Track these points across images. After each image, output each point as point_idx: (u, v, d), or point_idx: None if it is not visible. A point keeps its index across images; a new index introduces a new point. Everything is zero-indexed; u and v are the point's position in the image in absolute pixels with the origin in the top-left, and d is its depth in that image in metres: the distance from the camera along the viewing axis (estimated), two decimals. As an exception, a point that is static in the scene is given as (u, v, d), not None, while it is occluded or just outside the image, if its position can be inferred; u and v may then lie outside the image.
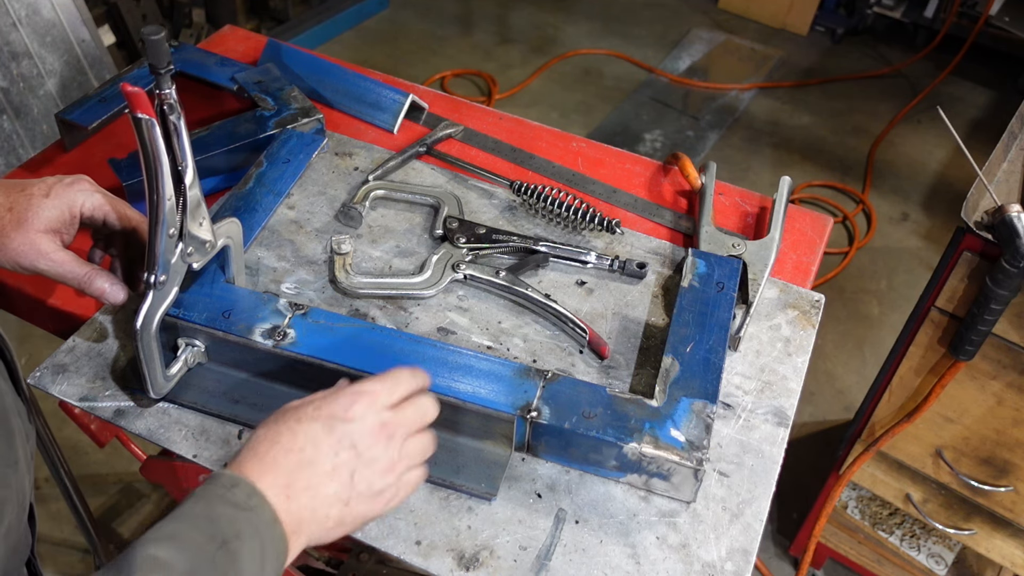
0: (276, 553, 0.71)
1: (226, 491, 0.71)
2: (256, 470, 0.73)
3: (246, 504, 0.70)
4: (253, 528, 0.70)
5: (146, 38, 0.78)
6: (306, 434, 0.75)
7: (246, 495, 0.71)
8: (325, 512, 0.75)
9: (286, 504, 0.72)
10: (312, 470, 0.74)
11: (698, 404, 0.94)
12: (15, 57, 2.34)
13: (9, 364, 0.81)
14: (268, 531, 0.71)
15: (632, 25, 4.32)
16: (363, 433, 0.77)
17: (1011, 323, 1.32)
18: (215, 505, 0.70)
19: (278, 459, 0.74)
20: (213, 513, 0.69)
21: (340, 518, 0.76)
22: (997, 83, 3.99)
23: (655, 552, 0.90)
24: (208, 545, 0.66)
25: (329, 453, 0.75)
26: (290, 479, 0.73)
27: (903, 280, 3.05)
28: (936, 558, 1.98)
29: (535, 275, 1.17)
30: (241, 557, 0.67)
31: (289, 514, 0.72)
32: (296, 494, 0.73)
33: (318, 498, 0.74)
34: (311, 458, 0.74)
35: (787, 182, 1.27)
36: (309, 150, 1.28)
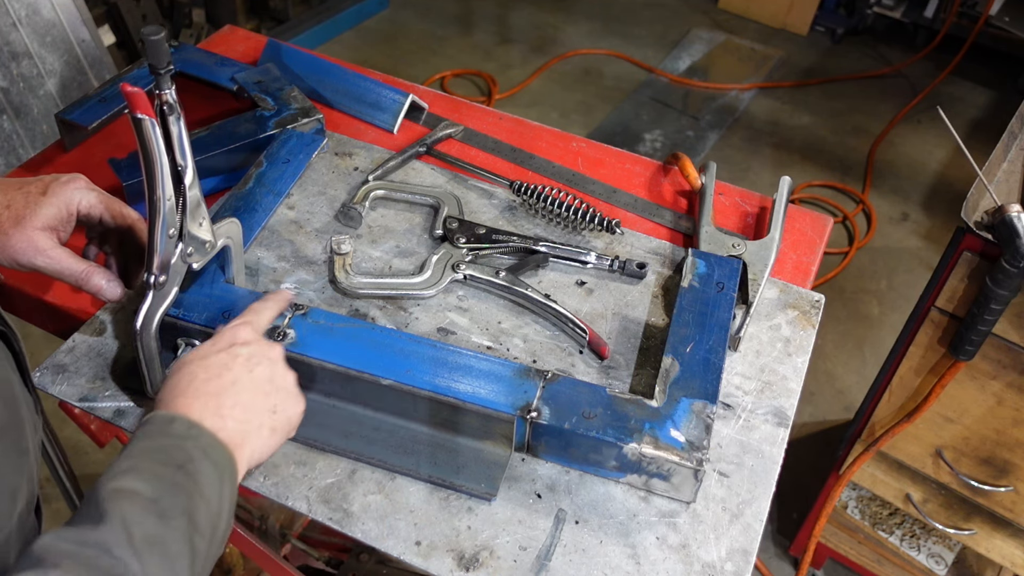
0: (229, 471, 0.76)
1: (166, 426, 0.75)
2: (184, 404, 0.78)
3: (188, 433, 0.75)
4: (201, 451, 0.73)
5: (146, 38, 0.78)
6: (216, 364, 0.82)
7: (185, 426, 0.75)
8: (259, 422, 0.81)
9: (222, 423, 0.77)
10: (234, 388, 0.80)
11: (698, 404, 0.94)
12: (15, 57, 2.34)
13: (17, 355, 0.82)
14: (215, 452, 0.75)
15: (632, 25, 4.32)
16: (263, 347, 0.86)
17: (1011, 323, 1.32)
18: (159, 439, 0.74)
19: (200, 389, 0.79)
20: (160, 445, 0.73)
21: (273, 425, 0.83)
22: (997, 83, 3.99)
23: (655, 552, 0.90)
24: (165, 471, 0.70)
25: (243, 371, 0.82)
26: (218, 401, 0.79)
27: (903, 280, 3.05)
28: (936, 558, 1.98)
29: (535, 275, 1.17)
30: (199, 477, 0.71)
31: (227, 432, 0.77)
32: (228, 411, 0.78)
33: (249, 410, 0.81)
34: (231, 379, 0.81)
35: (787, 182, 1.27)
36: (309, 150, 1.28)
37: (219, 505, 0.72)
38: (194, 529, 0.68)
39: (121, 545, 0.62)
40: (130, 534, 0.63)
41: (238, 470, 0.77)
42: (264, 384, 0.83)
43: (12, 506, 0.71)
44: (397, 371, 0.95)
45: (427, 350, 0.98)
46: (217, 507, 0.72)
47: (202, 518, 0.69)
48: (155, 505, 0.67)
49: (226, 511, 0.74)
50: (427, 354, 0.97)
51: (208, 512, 0.70)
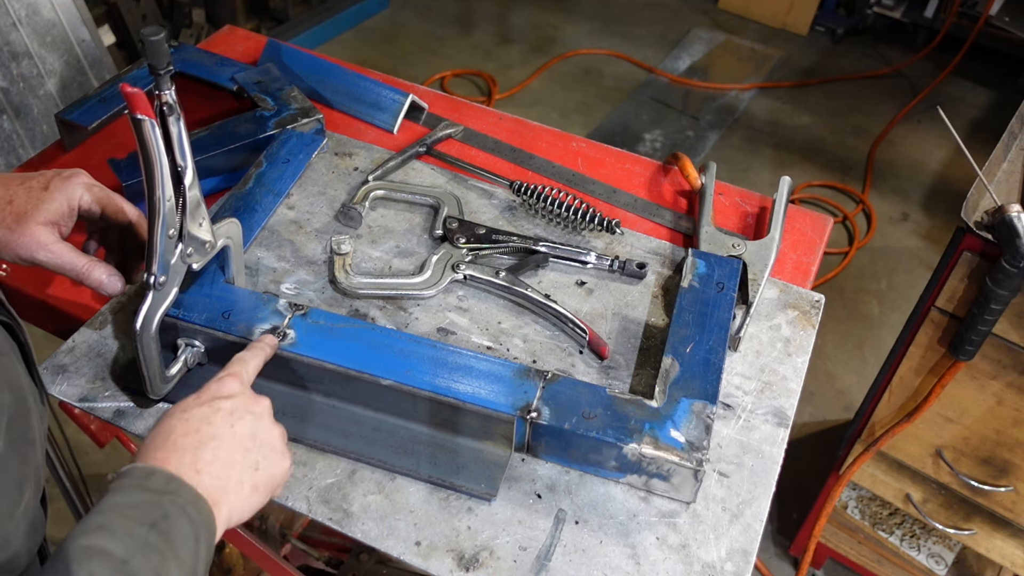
0: (206, 528, 0.73)
1: (143, 480, 0.72)
2: (161, 458, 0.75)
3: (166, 488, 0.72)
4: (179, 508, 0.71)
5: (146, 38, 0.78)
6: (196, 418, 0.79)
7: (164, 480, 0.73)
8: (238, 478, 0.78)
9: (197, 478, 0.75)
10: (214, 443, 0.78)
11: (698, 405, 0.94)
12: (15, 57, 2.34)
13: (23, 346, 0.82)
14: (193, 508, 0.72)
15: (632, 25, 4.32)
16: (247, 400, 0.83)
17: (1011, 323, 1.32)
18: (135, 494, 0.71)
19: (178, 443, 0.77)
20: (135, 501, 0.70)
21: (254, 483, 0.80)
22: (997, 83, 3.99)
23: (655, 552, 0.90)
24: (139, 529, 0.67)
25: (224, 425, 0.80)
26: (195, 456, 0.76)
27: (903, 280, 3.05)
28: (936, 558, 1.98)
29: (535, 275, 1.17)
30: (174, 536, 0.68)
31: (204, 487, 0.74)
32: (205, 467, 0.76)
33: (228, 466, 0.78)
34: (210, 434, 0.78)
35: (787, 182, 1.27)
36: (309, 150, 1.28)
37: (193, 565, 0.69)
38: None
39: None
40: None
41: (216, 528, 0.74)
42: (246, 440, 0.80)
43: (20, 496, 0.71)
44: (397, 371, 0.95)
45: (427, 350, 0.98)
46: (191, 567, 0.69)
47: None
48: (125, 567, 0.64)
49: (201, 570, 0.71)
50: (427, 354, 0.97)
51: (181, 573, 0.68)
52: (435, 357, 0.97)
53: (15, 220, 0.92)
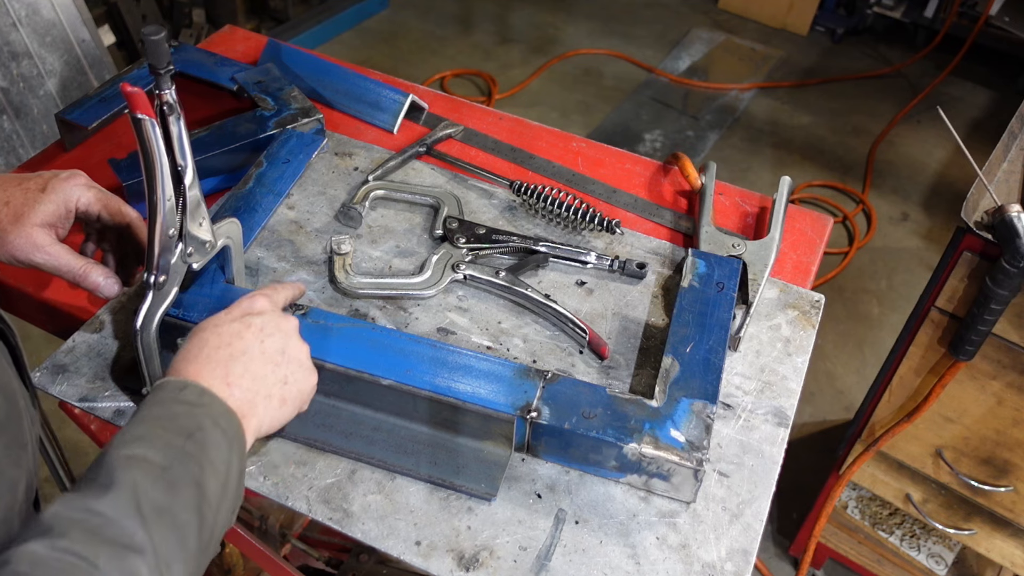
0: (237, 440, 0.76)
1: (177, 393, 0.75)
2: (194, 371, 0.78)
3: (199, 401, 0.75)
4: (212, 420, 0.74)
5: (146, 38, 0.78)
6: (229, 332, 0.82)
7: (197, 394, 0.75)
8: (267, 392, 0.81)
9: (228, 391, 0.78)
10: (245, 358, 0.81)
11: (698, 404, 0.94)
12: (15, 57, 2.34)
13: (14, 349, 0.82)
14: (225, 420, 0.75)
15: (632, 25, 4.32)
16: (276, 318, 0.86)
17: (1011, 323, 1.32)
18: (171, 406, 0.74)
19: (211, 356, 0.80)
20: (171, 412, 0.73)
21: (282, 396, 0.83)
22: (997, 83, 3.99)
23: (655, 552, 0.90)
24: (176, 439, 0.70)
25: (255, 341, 0.82)
26: (227, 369, 0.79)
27: (903, 280, 3.05)
28: (936, 558, 1.98)
29: (535, 275, 1.17)
30: (208, 446, 0.71)
31: (234, 400, 0.78)
32: (236, 380, 0.79)
33: (258, 380, 0.81)
34: (241, 348, 0.81)
35: (787, 182, 1.27)
36: (309, 150, 1.28)
37: (227, 474, 0.72)
38: (203, 498, 0.68)
39: (129, 514, 0.62)
40: (139, 503, 0.63)
41: (246, 439, 0.77)
42: (275, 355, 0.83)
43: (13, 499, 0.71)
44: (397, 371, 0.95)
45: (427, 350, 0.98)
46: (225, 476, 0.72)
47: (211, 487, 0.70)
48: (165, 473, 0.67)
49: (234, 480, 0.74)
50: (427, 354, 0.97)
51: (217, 481, 0.71)
52: (435, 357, 0.97)
53: (12, 221, 0.92)
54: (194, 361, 0.79)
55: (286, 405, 0.83)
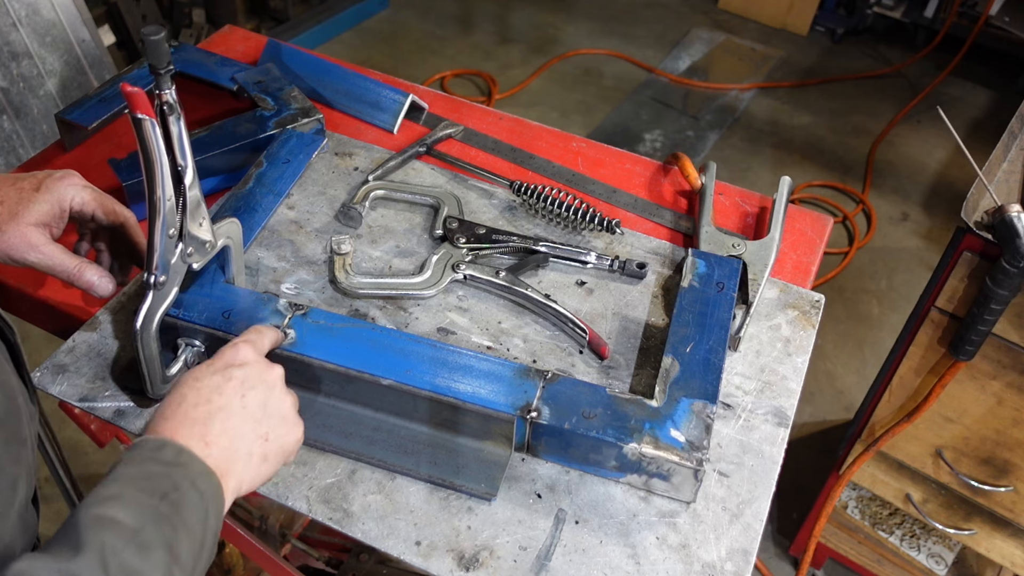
0: (215, 500, 0.73)
1: (154, 452, 0.73)
2: (171, 428, 0.76)
3: (176, 461, 0.73)
4: (189, 481, 0.71)
5: (146, 38, 0.78)
6: (208, 387, 0.80)
7: (174, 453, 0.73)
8: (247, 450, 0.78)
9: (206, 451, 0.75)
10: (223, 415, 0.78)
11: (698, 404, 0.94)
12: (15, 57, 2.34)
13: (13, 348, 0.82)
14: (204, 481, 0.73)
15: (632, 25, 4.32)
16: (259, 369, 0.83)
17: (1011, 323, 1.32)
18: (147, 466, 0.72)
19: (188, 414, 0.77)
20: (146, 472, 0.71)
21: (264, 453, 0.80)
22: (997, 83, 3.99)
23: (655, 552, 0.90)
24: (150, 500, 0.68)
25: (235, 396, 0.80)
26: (205, 428, 0.76)
27: (903, 280, 3.05)
28: (936, 558, 1.98)
29: (535, 275, 1.17)
30: (183, 507, 0.69)
31: (213, 459, 0.75)
32: (214, 439, 0.76)
33: (238, 438, 0.78)
34: (220, 405, 0.78)
35: (787, 182, 1.27)
36: (309, 150, 1.28)
37: (203, 536, 0.70)
38: (174, 561, 0.66)
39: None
40: (106, 565, 0.62)
41: (224, 500, 0.75)
42: (256, 410, 0.80)
43: (13, 496, 0.71)
44: (397, 371, 0.95)
45: (427, 350, 0.98)
46: (201, 537, 0.70)
47: (184, 550, 0.67)
48: (136, 536, 0.65)
49: (209, 542, 0.72)
50: (427, 354, 0.97)
51: (191, 544, 0.69)
52: (435, 357, 0.97)
53: (6, 221, 0.92)
54: (171, 419, 0.77)
55: (267, 463, 0.81)
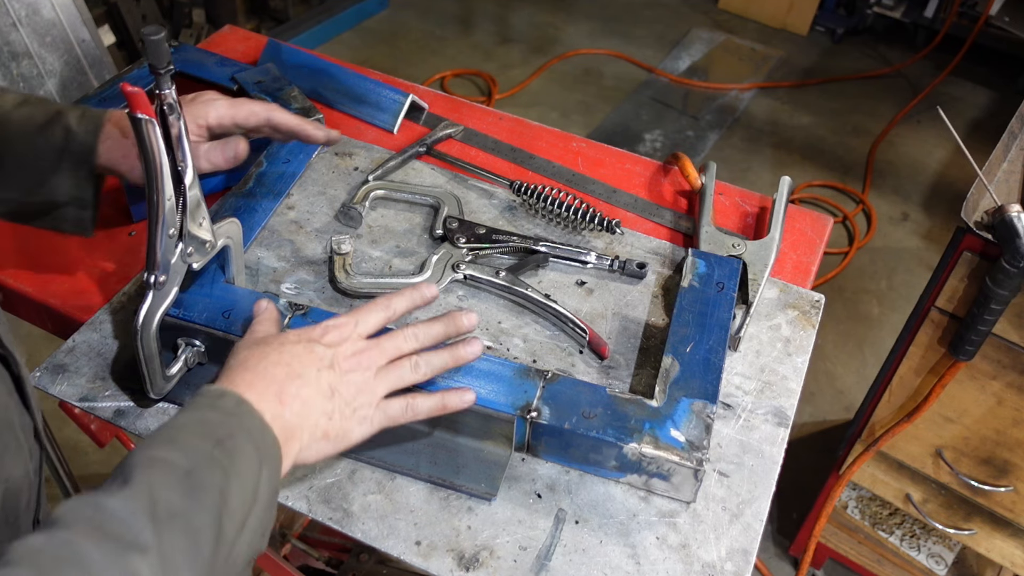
0: (271, 457, 0.74)
1: (214, 400, 0.74)
2: (246, 381, 0.77)
3: (235, 411, 0.73)
4: (245, 431, 0.72)
5: (146, 38, 0.78)
6: (291, 352, 0.81)
7: (234, 403, 0.74)
8: (314, 421, 0.79)
9: (279, 409, 0.76)
10: (300, 381, 0.79)
11: (698, 404, 0.94)
12: (15, 57, 2.34)
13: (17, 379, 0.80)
14: (260, 435, 0.73)
15: (632, 25, 4.32)
16: (340, 355, 0.83)
17: (1011, 323, 1.32)
18: (205, 412, 0.73)
19: (268, 370, 0.79)
20: (204, 418, 0.72)
21: (326, 431, 0.80)
22: (997, 83, 3.99)
23: (655, 552, 0.90)
24: (204, 444, 0.69)
25: (312, 368, 0.81)
26: (281, 387, 0.78)
27: (903, 280, 3.05)
28: (936, 558, 1.98)
29: (535, 275, 1.17)
30: (237, 456, 0.70)
31: (282, 419, 0.76)
32: (288, 401, 0.77)
33: (307, 407, 0.79)
34: (298, 371, 0.79)
35: (787, 182, 1.27)
36: (309, 150, 1.28)
37: (255, 490, 0.70)
38: (224, 507, 0.66)
39: (139, 514, 0.61)
40: (153, 503, 0.62)
41: (283, 460, 0.75)
42: (327, 388, 0.81)
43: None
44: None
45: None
46: (253, 490, 0.70)
47: (234, 498, 0.67)
48: (187, 477, 0.65)
49: (264, 498, 0.71)
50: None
51: (243, 494, 0.68)
52: (435, 357, 0.97)
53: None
54: (252, 371, 0.78)
55: (328, 440, 0.81)
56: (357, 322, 0.87)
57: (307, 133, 1.14)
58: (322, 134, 1.14)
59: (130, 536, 0.59)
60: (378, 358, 0.86)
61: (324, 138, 1.14)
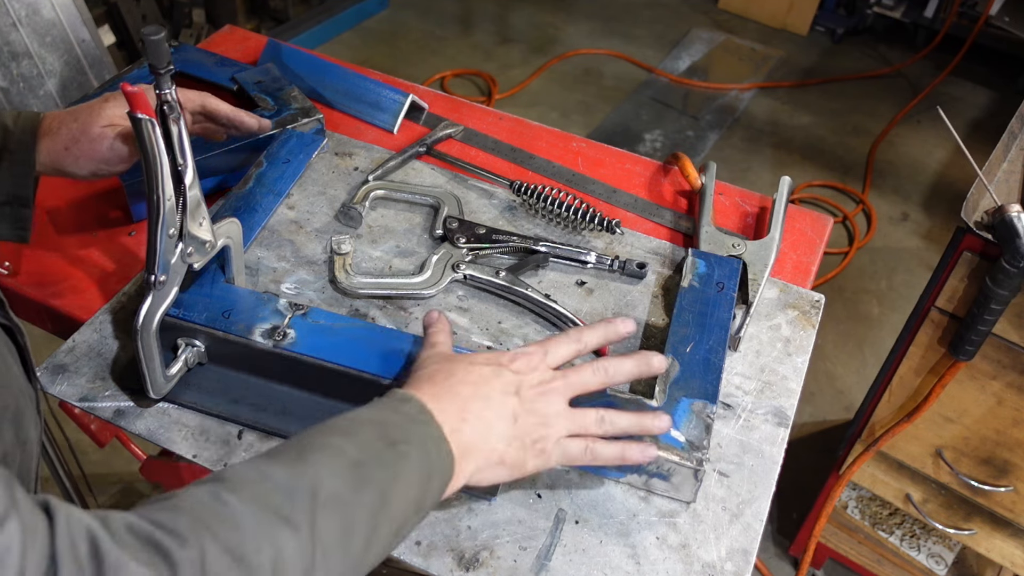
0: (442, 471, 0.74)
1: (399, 404, 0.75)
2: (431, 393, 0.77)
3: (417, 417, 0.74)
4: (421, 439, 0.72)
5: (146, 38, 0.78)
6: (479, 373, 0.81)
7: (417, 410, 0.75)
8: (492, 445, 0.78)
9: (460, 425, 0.76)
10: (484, 403, 0.78)
11: (698, 404, 0.94)
12: (15, 57, 2.34)
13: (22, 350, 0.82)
14: (435, 446, 0.73)
15: (632, 25, 4.32)
16: (526, 383, 0.82)
17: (1011, 323, 1.32)
18: (386, 413, 0.74)
19: (455, 387, 0.78)
20: (384, 418, 0.73)
21: (502, 456, 0.79)
22: (997, 83, 3.99)
23: (655, 552, 0.90)
24: (377, 442, 0.69)
25: (497, 392, 0.80)
26: (464, 406, 0.77)
27: (903, 280, 3.05)
28: (936, 558, 1.98)
29: (535, 275, 1.17)
30: (407, 461, 0.70)
31: (460, 436, 0.75)
32: (470, 419, 0.77)
33: (488, 428, 0.78)
34: (485, 393, 0.79)
35: (787, 182, 1.27)
36: (309, 150, 1.28)
37: (420, 498, 0.70)
38: (383, 507, 0.66)
39: (302, 492, 0.62)
40: (318, 486, 0.63)
41: (455, 476, 0.75)
42: (509, 415, 0.80)
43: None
44: (397, 371, 0.95)
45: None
46: (417, 499, 0.70)
47: (397, 501, 0.68)
48: (356, 469, 0.66)
49: (427, 507, 0.72)
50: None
51: (405, 499, 0.69)
52: (435, 357, 0.97)
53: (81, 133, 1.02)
54: (438, 384, 0.79)
55: (504, 466, 0.80)
56: (547, 352, 0.85)
57: (241, 120, 1.17)
58: (255, 123, 1.20)
59: (286, 511, 0.60)
60: (564, 391, 0.84)
61: (256, 127, 1.20)
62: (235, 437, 0.98)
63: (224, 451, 0.96)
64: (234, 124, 1.18)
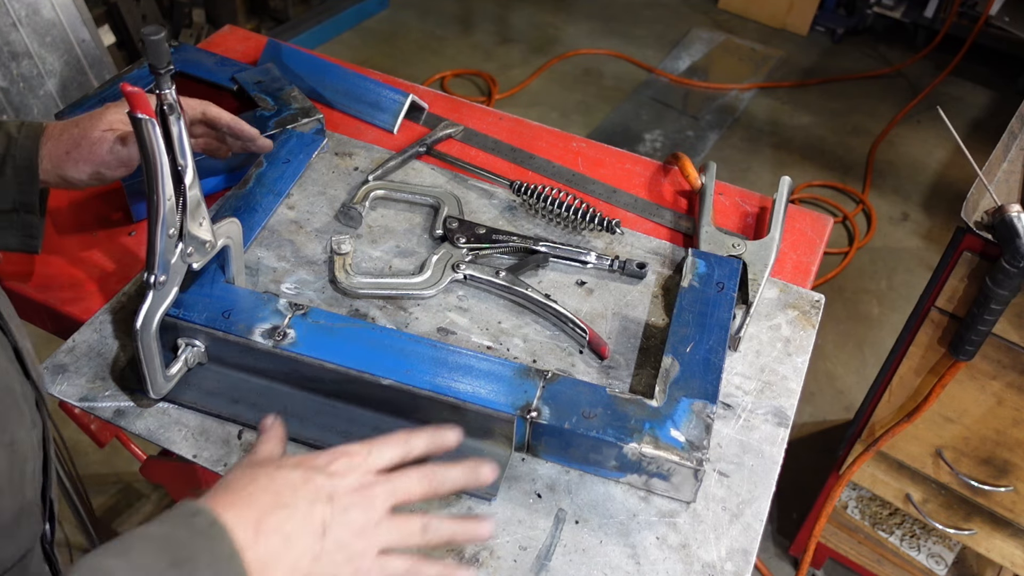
0: None
1: (188, 517, 0.68)
2: (226, 502, 0.70)
3: (206, 531, 0.67)
4: (209, 557, 0.65)
5: (146, 38, 0.78)
6: (284, 479, 0.73)
7: (207, 523, 0.67)
8: (294, 562, 0.70)
9: (254, 539, 0.68)
10: (286, 513, 0.70)
11: (698, 404, 0.94)
12: (15, 57, 2.34)
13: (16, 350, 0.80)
14: (226, 563, 0.66)
15: (632, 25, 4.32)
16: (341, 487, 0.74)
17: (1011, 323, 1.32)
18: (174, 528, 0.67)
19: (253, 495, 0.71)
20: (170, 535, 0.66)
21: (308, 572, 0.71)
22: (997, 83, 3.99)
23: (655, 552, 0.90)
24: (157, 564, 0.63)
25: (304, 501, 0.71)
26: (261, 516, 0.69)
27: (903, 280, 3.05)
28: (936, 558, 1.98)
29: (535, 275, 1.17)
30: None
31: (255, 552, 0.68)
32: (266, 533, 0.69)
33: (289, 544, 0.70)
34: (287, 502, 0.71)
35: (787, 182, 1.27)
36: (309, 150, 1.28)
37: None
38: None
39: None
40: None
41: None
42: (318, 527, 0.71)
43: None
44: (397, 371, 0.95)
45: (427, 350, 0.98)
46: None
47: None
48: None
49: None
50: (427, 354, 0.97)
51: None
52: (435, 357, 0.97)
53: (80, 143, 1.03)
54: (235, 492, 0.71)
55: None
56: (370, 452, 0.77)
57: (241, 129, 1.17)
58: (256, 131, 1.20)
59: None
60: (386, 497, 0.75)
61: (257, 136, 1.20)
62: (235, 437, 0.98)
63: (224, 451, 0.96)
64: (235, 132, 1.18)
